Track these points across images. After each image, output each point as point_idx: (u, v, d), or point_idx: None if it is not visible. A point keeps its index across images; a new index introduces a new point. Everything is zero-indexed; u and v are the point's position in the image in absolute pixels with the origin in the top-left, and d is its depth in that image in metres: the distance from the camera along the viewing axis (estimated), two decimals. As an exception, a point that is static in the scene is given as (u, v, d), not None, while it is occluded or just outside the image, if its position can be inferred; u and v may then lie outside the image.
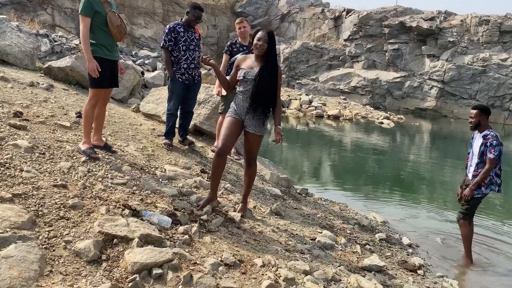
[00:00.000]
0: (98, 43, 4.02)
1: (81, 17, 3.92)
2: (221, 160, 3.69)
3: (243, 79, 3.71)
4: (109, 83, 4.18)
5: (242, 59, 3.85)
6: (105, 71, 4.06)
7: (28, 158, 3.51)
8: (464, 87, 23.20)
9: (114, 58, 4.17)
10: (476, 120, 4.59)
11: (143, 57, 16.51)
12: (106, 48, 4.06)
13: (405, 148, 13.65)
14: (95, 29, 4.00)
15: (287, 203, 4.93)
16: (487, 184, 4.52)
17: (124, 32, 4.18)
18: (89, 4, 3.89)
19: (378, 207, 6.53)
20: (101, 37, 4.02)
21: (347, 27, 26.50)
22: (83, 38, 3.93)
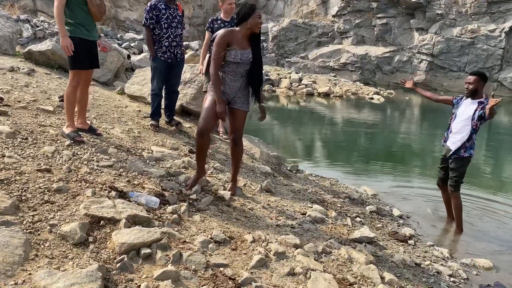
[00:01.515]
0: (76, 23, 3.89)
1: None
2: (203, 140, 3.59)
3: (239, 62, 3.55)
4: (89, 63, 4.08)
5: (230, 36, 3.54)
6: (84, 52, 3.95)
7: (10, 144, 3.44)
8: (453, 60, 23.19)
9: (93, 38, 4.05)
10: (474, 86, 4.52)
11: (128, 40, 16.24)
12: (84, 28, 3.94)
13: (395, 123, 13.69)
14: (73, 8, 3.87)
15: (278, 180, 4.92)
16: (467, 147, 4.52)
17: (103, 11, 4.06)
18: None
19: (369, 181, 6.55)
20: (80, 16, 3.90)
21: (335, 3, 26.19)
22: (57, 14, 3.78)
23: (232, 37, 3.54)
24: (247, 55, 3.59)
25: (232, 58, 3.53)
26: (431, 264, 3.62)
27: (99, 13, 3.98)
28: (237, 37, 3.56)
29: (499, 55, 22.27)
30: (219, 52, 3.50)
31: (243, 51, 3.56)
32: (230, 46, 3.54)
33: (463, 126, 4.53)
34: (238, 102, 3.71)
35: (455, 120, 4.67)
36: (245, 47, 3.58)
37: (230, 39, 3.53)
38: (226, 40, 3.52)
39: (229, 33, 3.56)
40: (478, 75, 4.57)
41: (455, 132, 4.60)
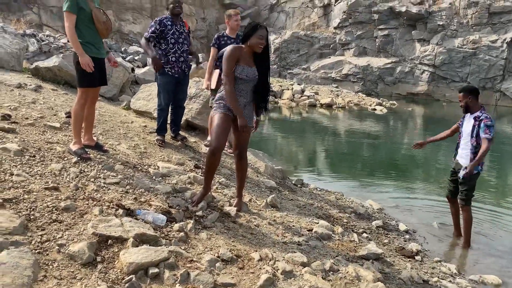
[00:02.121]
0: (85, 42, 3.94)
1: (66, 14, 3.82)
2: (215, 158, 3.62)
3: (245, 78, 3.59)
4: (98, 81, 4.12)
5: (239, 52, 3.58)
6: (94, 70, 4.00)
7: (18, 162, 3.46)
8: (455, 70, 23.25)
9: (101, 56, 4.10)
10: (464, 103, 4.58)
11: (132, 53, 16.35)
12: (93, 46, 3.99)
13: (399, 134, 13.69)
14: (80, 26, 3.91)
15: (283, 194, 4.92)
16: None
17: (110, 28, 4.10)
18: (73, 1, 3.81)
19: (374, 194, 6.54)
20: (88, 35, 3.94)
21: (336, 15, 26.39)
22: (70, 34, 3.83)
23: (240, 53, 3.60)
24: (253, 73, 3.62)
25: (239, 73, 3.57)
26: (439, 280, 3.60)
27: (106, 30, 4.03)
28: (244, 54, 3.61)
29: (501, 66, 22.32)
30: (231, 66, 3.53)
31: (250, 68, 3.60)
32: (238, 62, 3.58)
33: (466, 142, 4.57)
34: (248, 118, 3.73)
35: (462, 137, 4.72)
36: (251, 65, 3.63)
37: (239, 55, 3.58)
38: (236, 55, 3.56)
39: (238, 49, 3.61)
40: (463, 91, 4.61)
41: (462, 148, 4.65)
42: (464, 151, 4.61)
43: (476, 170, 4.52)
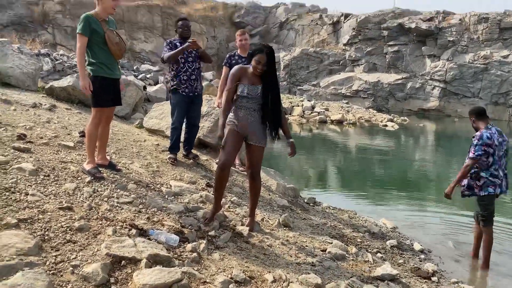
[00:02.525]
0: (98, 62, 4.01)
1: (78, 36, 3.92)
2: (224, 174, 3.65)
3: (246, 96, 3.65)
4: (112, 101, 4.17)
5: (241, 71, 3.72)
6: (107, 90, 4.05)
7: (33, 181, 3.49)
8: (466, 86, 23.10)
9: (115, 77, 4.15)
10: (471, 124, 4.71)
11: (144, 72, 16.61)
12: (106, 67, 4.05)
13: (411, 150, 13.57)
14: (94, 48, 3.99)
15: (295, 213, 4.88)
16: (481, 186, 4.49)
17: (123, 49, 4.16)
18: (86, 23, 3.90)
19: (387, 213, 6.46)
20: (101, 56, 4.01)
21: (346, 32, 26.54)
22: (78, 55, 3.94)
23: (243, 72, 3.70)
24: (256, 91, 3.66)
25: (240, 92, 3.66)
26: (456, 302, 3.51)
27: (119, 51, 4.09)
28: (248, 73, 3.69)
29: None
30: (229, 85, 3.69)
31: (252, 86, 3.66)
32: (240, 80, 3.69)
33: None
34: (254, 138, 3.74)
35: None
36: (255, 83, 3.67)
37: (241, 74, 3.70)
38: (237, 75, 3.70)
39: (241, 68, 3.74)
40: (469, 113, 4.75)
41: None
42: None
43: (486, 192, 4.46)
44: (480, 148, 4.38)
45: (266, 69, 3.60)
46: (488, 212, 4.53)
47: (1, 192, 3.17)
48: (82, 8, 21.46)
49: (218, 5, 28.40)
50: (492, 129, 4.50)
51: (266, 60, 3.57)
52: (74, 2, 22.32)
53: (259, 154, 3.80)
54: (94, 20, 3.94)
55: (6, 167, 3.59)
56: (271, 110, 3.72)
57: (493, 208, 4.56)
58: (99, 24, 3.96)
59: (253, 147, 3.77)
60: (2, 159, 3.67)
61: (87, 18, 3.93)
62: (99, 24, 3.97)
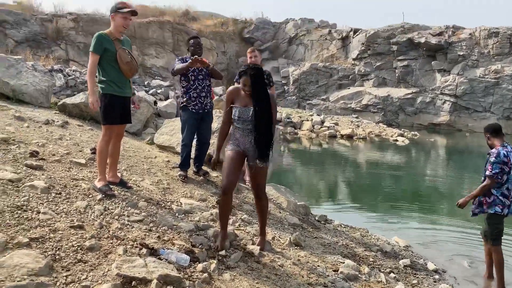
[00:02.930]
0: (109, 80, 4.06)
1: (90, 54, 4.01)
2: (227, 198, 3.58)
3: (238, 119, 3.60)
4: (120, 119, 4.19)
5: (234, 93, 3.67)
6: (116, 107, 4.08)
7: (45, 199, 3.51)
8: (477, 100, 22.91)
9: (124, 95, 4.17)
10: (486, 140, 4.66)
11: (155, 87, 16.75)
12: (116, 85, 4.08)
13: (422, 165, 13.42)
14: (105, 66, 4.05)
15: (306, 231, 4.82)
16: (490, 203, 4.41)
17: (134, 69, 4.18)
18: (99, 42, 3.97)
19: (399, 230, 6.36)
20: (111, 74, 4.06)
21: (355, 47, 26.60)
22: (88, 73, 4.04)
23: (236, 94, 3.67)
24: (247, 113, 3.58)
25: (234, 115, 3.63)
26: (473, 326, 3.41)
27: (130, 70, 4.12)
28: (241, 94, 3.64)
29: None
30: (226, 107, 3.71)
31: (244, 108, 3.60)
32: (233, 103, 3.66)
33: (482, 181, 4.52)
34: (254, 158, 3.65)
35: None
36: (247, 104, 3.61)
37: (234, 96, 3.67)
38: (231, 97, 3.69)
39: (234, 90, 3.71)
40: (483, 130, 4.71)
41: None
42: None
43: (493, 210, 4.38)
44: (498, 166, 4.31)
45: (254, 89, 3.52)
46: (497, 231, 4.45)
47: (14, 210, 3.19)
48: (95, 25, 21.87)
49: (228, 21, 28.70)
50: (508, 147, 4.43)
51: (251, 81, 3.49)
52: (87, 19, 22.75)
53: (260, 173, 3.72)
54: (107, 39, 4.01)
55: (18, 184, 3.62)
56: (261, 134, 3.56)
57: (502, 227, 4.48)
58: (112, 43, 4.02)
59: (255, 167, 3.68)
60: (15, 177, 3.70)
61: (100, 36, 4.00)
62: (112, 42, 4.02)
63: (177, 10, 27.59)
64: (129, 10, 4.05)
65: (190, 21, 27.19)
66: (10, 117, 5.91)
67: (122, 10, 4.01)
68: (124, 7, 4.03)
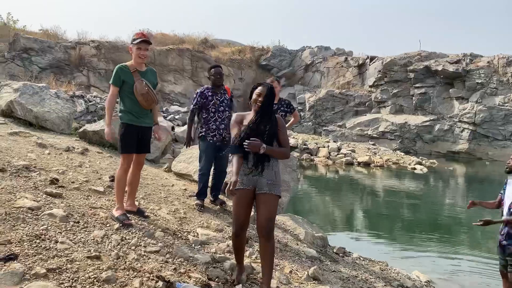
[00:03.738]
0: (126, 110, 4.13)
1: (110, 86, 4.12)
2: (239, 240, 3.41)
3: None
4: (137, 148, 4.18)
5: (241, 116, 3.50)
6: (132, 137, 4.11)
7: (63, 228, 3.52)
8: (497, 128, 22.54)
9: (141, 124, 4.18)
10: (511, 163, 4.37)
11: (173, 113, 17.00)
12: (132, 115, 4.12)
13: (441, 195, 13.14)
14: (123, 97, 4.13)
15: (324, 265, 4.71)
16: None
17: (151, 100, 4.14)
18: (117, 75, 4.06)
19: (420, 263, 6.18)
20: (128, 104, 4.13)
21: (371, 74, 26.66)
22: (107, 104, 4.15)
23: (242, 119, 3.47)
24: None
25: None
26: None
27: (145, 101, 4.11)
28: (246, 117, 3.46)
29: (547, 124, 21.48)
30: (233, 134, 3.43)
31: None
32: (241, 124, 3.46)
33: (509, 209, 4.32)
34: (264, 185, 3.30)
35: (505, 204, 4.46)
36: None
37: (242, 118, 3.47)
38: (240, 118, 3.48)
39: (238, 116, 3.51)
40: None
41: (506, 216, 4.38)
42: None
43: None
44: None
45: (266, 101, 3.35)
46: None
47: (32, 239, 3.20)
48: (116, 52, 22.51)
49: (246, 49, 29.19)
50: None
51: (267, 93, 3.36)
52: (108, 46, 23.42)
53: (271, 204, 3.26)
54: (125, 71, 4.07)
55: (38, 212, 3.65)
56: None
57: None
58: (130, 75, 4.07)
59: (264, 196, 3.28)
60: (34, 205, 3.74)
61: (119, 69, 4.09)
62: (130, 75, 4.07)
63: (196, 38, 28.21)
64: (140, 40, 4.05)
65: (209, 48, 27.76)
66: (32, 144, 6.03)
67: (136, 41, 4.07)
68: (138, 38, 4.09)
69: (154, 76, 4.35)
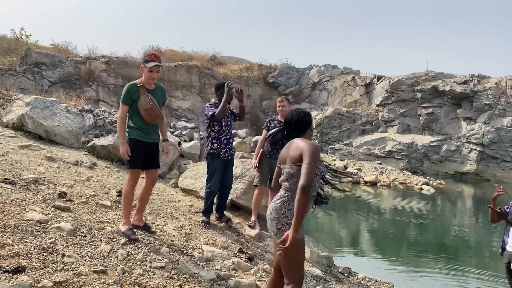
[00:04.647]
0: (134, 126, 4.18)
1: (120, 105, 4.16)
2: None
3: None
4: (145, 164, 4.22)
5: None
6: (139, 153, 4.15)
7: (70, 242, 3.55)
8: (505, 150, 22.38)
9: (149, 140, 4.23)
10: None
11: (180, 128, 17.11)
12: (140, 131, 4.17)
13: (449, 216, 13.00)
14: (132, 114, 4.18)
15: (330, 285, 4.67)
16: None
17: (155, 115, 4.16)
18: (128, 94, 4.11)
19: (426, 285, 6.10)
20: (136, 120, 4.18)
21: (378, 93, 26.72)
22: (118, 123, 4.15)
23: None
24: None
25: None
26: None
27: (149, 116, 4.14)
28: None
29: (556, 146, 21.30)
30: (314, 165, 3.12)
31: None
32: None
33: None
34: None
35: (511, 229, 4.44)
36: None
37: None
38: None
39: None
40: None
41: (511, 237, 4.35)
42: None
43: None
44: None
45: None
46: None
47: (40, 252, 3.24)
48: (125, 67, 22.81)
49: (253, 66, 29.46)
50: None
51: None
52: (118, 61, 23.75)
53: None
54: (135, 90, 4.12)
55: (46, 226, 3.69)
56: None
57: None
58: (138, 93, 4.12)
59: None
60: (43, 218, 3.78)
61: (129, 88, 4.11)
62: (138, 93, 4.12)
63: (205, 55, 28.55)
64: (154, 64, 4.10)
65: (217, 65, 28.04)
66: (41, 158, 6.11)
67: (148, 64, 4.09)
68: (151, 60, 4.12)
69: (163, 93, 4.41)
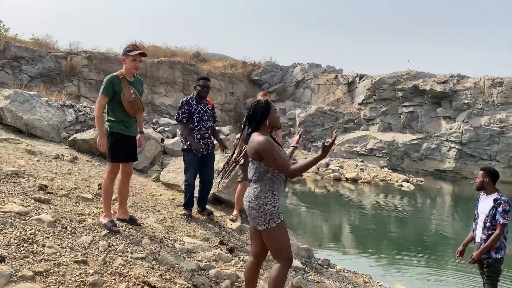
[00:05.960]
0: (117, 120, 4.15)
1: (100, 96, 4.08)
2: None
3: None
4: (125, 157, 4.23)
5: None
6: (121, 146, 4.15)
7: (51, 233, 3.56)
8: (483, 148, 22.96)
9: (131, 134, 4.25)
10: (479, 181, 4.60)
11: (163, 125, 17.03)
12: (123, 125, 4.16)
13: (427, 212, 13.30)
14: (114, 107, 4.14)
15: (308, 276, 4.78)
16: (497, 249, 4.39)
17: (137, 108, 4.19)
18: (110, 85, 4.06)
19: (402, 277, 6.27)
20: (118, 114, 4.14)
21: (360, 92, 27.06)
22: (96, 115, 4.09)
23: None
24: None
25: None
26: None
27: (131, 109, 4.15)
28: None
29: (531, 144, 21.94)
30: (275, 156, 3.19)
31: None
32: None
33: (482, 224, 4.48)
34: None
35: (478, 218, 4.64)
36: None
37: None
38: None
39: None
40: (484, 171, 4.63)
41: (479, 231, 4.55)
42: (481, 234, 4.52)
43: (500, 255, 4.37)
44: (508, 214, 4.34)
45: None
46: (498, 275, 4.42)
47: (20, 243, 3.24)
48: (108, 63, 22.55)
49: (238, 64, 29.45)
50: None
51: None
52: (100, 57, 23.46)
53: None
54: (117, 82, 4.09)
55: (26, 217, 3.68)
56: None
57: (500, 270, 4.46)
58: (120, 85, 4.10)
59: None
60: (22, 210, 3.77)
61: (111, 80, 4.07)
62: (121, 85, 4.10)
63: (188, 52, 28.39)
64: (138, 52, 4.12)
65: (201, 62, 27.94)
66: (21, 151, 6.05)
67: (132, 53, 4.10)
68: (133, 50, 4.13)
69: (141, 85, 4.42)
